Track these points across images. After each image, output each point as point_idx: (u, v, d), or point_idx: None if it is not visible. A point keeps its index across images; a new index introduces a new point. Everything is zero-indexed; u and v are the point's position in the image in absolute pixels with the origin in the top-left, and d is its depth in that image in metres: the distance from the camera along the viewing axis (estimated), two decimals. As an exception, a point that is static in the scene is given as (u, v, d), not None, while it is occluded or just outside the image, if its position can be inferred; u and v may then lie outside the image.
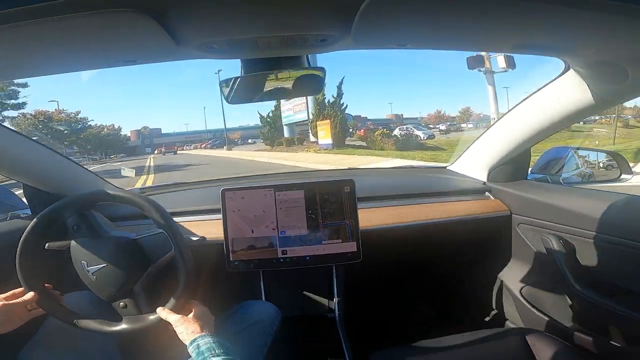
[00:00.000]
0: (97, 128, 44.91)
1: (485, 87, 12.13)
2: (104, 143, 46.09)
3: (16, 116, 29.92)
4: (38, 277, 0.82)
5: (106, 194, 0.88)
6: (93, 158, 42.69)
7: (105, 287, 0.82)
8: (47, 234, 0.84)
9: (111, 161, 35.84)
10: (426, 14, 0.53)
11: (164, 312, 0.79)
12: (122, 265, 0.82)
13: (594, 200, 1.07)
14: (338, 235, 1.15)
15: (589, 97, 0.91)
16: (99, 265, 0.81)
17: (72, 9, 0.44)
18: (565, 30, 0.60)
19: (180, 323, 0.77)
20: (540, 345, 0.89)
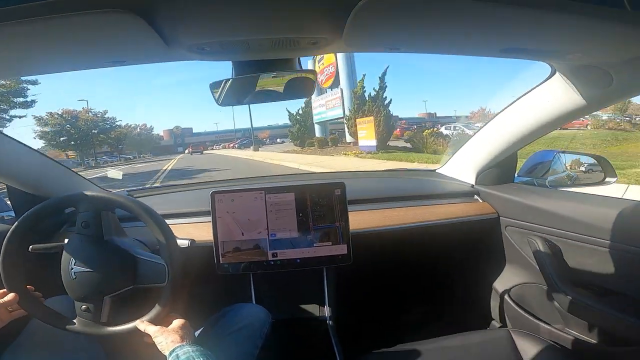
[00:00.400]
0: (127, 127, 43.78)
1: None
2: (135, 142, 46.00)
3: (44, 115, 31.17)
4: (20, 279, 0.80)
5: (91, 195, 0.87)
6: (126, 157, 41.96)
7: (79, 288, 0.80)
8: (31, 236, 0.83)
9: (140, 161, 35.52)
10: (416, 18, 0.54)
11: (143, 324, 0.79)
12: (108, 276, 0.80)
13: (579, 203, 1.09)
14: (329, 238, 1.15)
15: (574, 101, 0.93)
16: (86, 269, 0.79)
17: (62, 8, 0.43)
18: (551, 34, 0.61)
19: (160, 334, 0.76)
20: (527, 346, 0.91)
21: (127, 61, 0.67)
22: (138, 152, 46.44)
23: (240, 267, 1.15)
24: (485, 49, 0.72)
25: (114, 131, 38.71)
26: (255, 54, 0.69)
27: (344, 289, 1.35)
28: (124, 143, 42.58)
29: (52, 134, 31.59)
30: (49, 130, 31.34)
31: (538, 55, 0.76)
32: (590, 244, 1.01)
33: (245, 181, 1.67)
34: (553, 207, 1.12)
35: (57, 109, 32.95)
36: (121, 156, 41.58)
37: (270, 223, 1.15)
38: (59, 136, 31.85)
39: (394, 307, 1.68)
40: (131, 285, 0.82)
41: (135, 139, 45.58)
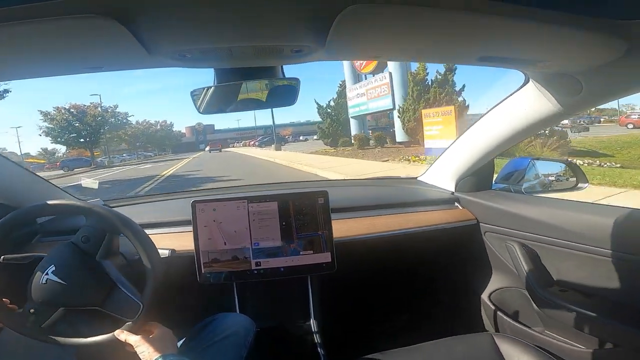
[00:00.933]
0: (146, 124, 42.22)
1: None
2: (155, 140, 44.12)
3: (51, 111, 29.52)
4: None
5: (64, 205, 0.84)
6: (145, 155, 39.95)
7: (42, 294, 0.76)
8: (2, 246, 0.79)
9: (157, 159, 34.14)
10: (397, 27, 0.55)
11: (123, 334, 0.77)
12: (78, 292, 0.77)
13: (554, 208, 1.13)
14: (312, 246, 1.15)
15: (547, 109, 0.96)
16: (59, 280, 0.76)
17: (39, 13, 0.42)
18: (523, 43, 0.64)
19: (142, 343, 0.75)
20: (509, 349, 0.92)
21: (104, 67, 0.66)
22: (159, 149, 44.91)
23: (222, 277, 1.12)
24: (463, 58, 0.75)
25: (130, 128, 37.23)
26: (238, 62, 0.69)
27: (329, 297, 1.35)
28: (142, 140, 40.88)
29: (58, 131, 29.58)
30: (55, 127, 29.28)
31: (512, 64, 0.79)
32: (566, 247, 1.04)
33: (227, 190, 1.65)
34: (529, 212, 1.15)
35: (65, 104, 31.74)
36: (140, 154, 39.57)
37: (253, 232, 1.13)
38: (66, 133, 29.91)
39: (379, 314, 1.68)
40: (97, 307, 0.79)
41: (154, 136, 43.67)
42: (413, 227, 1.29)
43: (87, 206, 0.82)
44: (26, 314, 0.78)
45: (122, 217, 0.82)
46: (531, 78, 0.93)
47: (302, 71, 43.74)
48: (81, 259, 0.78)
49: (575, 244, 1.01)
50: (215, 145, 38.95)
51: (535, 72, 0.88)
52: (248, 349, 0.96)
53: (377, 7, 0.48)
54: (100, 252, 0.80)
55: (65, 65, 0.64)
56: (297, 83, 0.79)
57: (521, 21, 0.53)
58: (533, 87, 0.95)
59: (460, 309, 1.54)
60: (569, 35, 0.57)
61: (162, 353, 0.72)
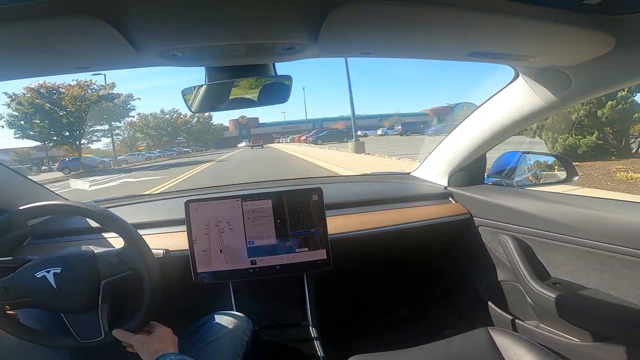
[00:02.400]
0: (175, 114, 34.69)
1: None
2: (192, 133, 38.20)
3: (20, 93, 18.36)
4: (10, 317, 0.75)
5: (57, 206, 0.83)
6: (178, 151, 34.59)
7: (24, 282, 0.75)
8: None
9: (189, 156, 29.20)
10: (389, 24, 0.55)
11: (123, 334, 0.77)
12: (55, 302, 0.76)
13: (545, 201, 1.14)
14: (307, 244, 1.15)
15: (537, 103, 0.98)
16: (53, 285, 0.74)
17: (26, 14, 0.41)
18: (512, 38, 0.65)
19: (142, 343, 0.75)
20: (505, 343, 0.93)
21: (92, 67, 0.65)
22: (195, 144, 40.32)
23: (218, 276, 1.12)
24: (453, 54, 0.75)
25: (154, 118, 31.58)
26: (229, 60, 0.69)
27: (325, 294, 1.35)
28: (170, 135, 34.82)
29: (23, 120, 19.10)
30: (20, 115, 18.81)
31: (502, 59, 0.80)
32: (559, 240, 1.05)
33: (220, 188, 1.64)
34: (520, 206, 1.16)
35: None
36: (168, 150, 33.87)
37: (247, 230, 1.13)
38: (36, 123, 19.23)
39: (375, 311, 1.69)
40: (61, 314, 0.78)
41: (190, 130, 38.10)
42: (407, 222, 1.30)
43: (81, 206, 0.81)
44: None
45: (131, 230, 0.81)
46: (521, 73, 0.94)
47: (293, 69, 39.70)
48: (89, 275, 0.77)
49: (568, 237, 1.02)
50: (257, 141, 34.24)
51: (524, 67, 0.89)
52: (245, 348, 0.96)
53: (369, 4, 0.48)
54: (108, 279, 0.78)
55: (52, 65, 0.63)
56: (290, 80, 0.78)
57: (511, 17, 0.53)
58: (523, 81, 0.96)
59: (456, 303, 1.56)
60: (557, 30, 0.58)
61: (163, 352, 0.72)
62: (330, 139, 24.15)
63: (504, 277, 1.28)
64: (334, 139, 23.77)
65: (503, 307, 1.29)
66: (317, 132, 29.06)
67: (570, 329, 1.05)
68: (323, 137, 25.29)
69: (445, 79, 57.64)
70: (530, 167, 1.35)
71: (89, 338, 0.77)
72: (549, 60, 0.78)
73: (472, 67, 14.45)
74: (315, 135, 27.05)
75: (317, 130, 30.62)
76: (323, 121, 35.80)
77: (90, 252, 0.79)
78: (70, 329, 0.77)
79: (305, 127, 43.86)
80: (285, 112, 67.54)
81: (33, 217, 0.82)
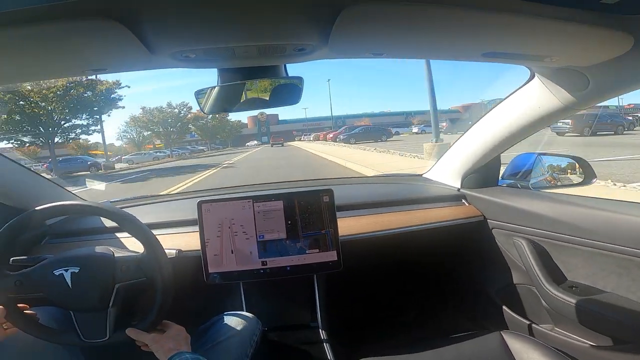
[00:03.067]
0: (185, 109, 30.82)
1: None
2: (206, 131, 35.64)
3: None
4: (7, 294, 0.76)
5: (76, 205, 0.85)
6: (191, 150, 32.47)
7: (40, 278, 0.77)
8: (11, 248, 0.80)
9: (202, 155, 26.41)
10: (400, 24, 0.55)
11: (137, 333, 0.78)
12: (68, 300, 0.78)
13: (561, 204, 1.12)
14: (318, 245, 1.15)
15: (553, 104, 0.96)
16: (69, 284, 0.76)
17: (43, 16, 0.42)
18: (528, 39, 0.63)
19: (155, 342, 0.76)
20: (518, 346, 0.91)
21: (108, 69, 0.66)
22: (211, 142, 37.82)
23: (229, 277, 1.13)
24: (466, 54, 0.74)
25: (160, 113, 28.55)
26: (241, 61, 0.69)
27: (335, 295, 1.34)
28: (181, 132, 31.57)
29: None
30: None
31: (517, 59, 0.78)
32: (576, 244, 1.03)
33: (232, 189, 1.66)
34: (536, 208, 1.14)
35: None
36: (180, 150, 31.66)
37: (259, 231, 1.14)
38: None
39: (385, 313, 1.67)
40: (70, 311, 0.80)
41: (205, 127, 35.38)
42: (419, 224, 1.29)
43: (97, 206, 0.83)
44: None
45: (151, 237, 0.81)
46: (537, 73, 0.92)
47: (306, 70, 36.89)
48: (105, 278, 0.78)
49: (585, 240, 1.00)
50: (277, 139, 31.51)
51: (541, 68, 0.87)
52: (254, 348, 0.96)
53: (379, 4, 0.48)
54: (123, 283, 0.80)
55: (69, 67, 0.64)
56: (301, 82, 0.79)
57: (526, 16, 0.52)
58: (539, 82, 0.94)
59: (468, 306, 1.53)
60: (574, 30, 0.57)
61: (177, 350, 0.73)
62: (365, 137, 20.03)
63: (518, 280, 1.25)
64: (369, 137, 19.89)
65: (516, 311, 1.26)
66: (348, 128, 23.83)
67: (586, 333, 1.02)
68: (357, 135, 20.60)
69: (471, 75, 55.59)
70: (547, 169, 1.32)
71: (93, 338, 0.79)
72: (566, 61, 0.76)
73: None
74: (346, 132, 22.20)
75: (347, 127, 24.97)
76: (346, 118, 33.81)
77: (110, 256, 0.81)
78: (76, 327, 0.79)
79: (328, 124, 40.80)
80: (307, 108, 60.85)
81: (51, 216, 0.84)
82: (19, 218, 0.79)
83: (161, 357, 0.73)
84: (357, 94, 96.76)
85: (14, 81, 0.69)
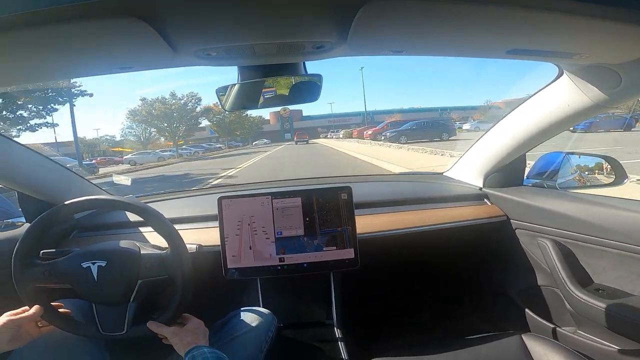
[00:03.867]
0: (193, 100, 26.48)
1: None
2: (223, 127, 32.06)
3: None
4: (35, 283, 0.80)
5: (104, 200, 0.88)
6: (206, 147, 29.09)
7: (67, 269, 0.80)
8: (42, 241, 0.83)
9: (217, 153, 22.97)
10: (421, 20, 0.54)
11: (157, 326, 0.80)
12: (90, 293, 0.80)
13: (590, 204, 1.08)
14: (335, 242, 1.15)
15: (583, 102, 0.92)
16: (94, 277, 0.79)
17: (71, 16, 0.44)
18: (558, 36, 0.61)
19: (175, 335, 0.78)
20: (538, 349, 0.89)
21: (134, 67, 0.68)
22: (229, 139, 34.53)
23: (247, 272, 1.15)
24: (490, 51, 0.72)
25: (162, 104, 24.32)
26: (261, 59, 0.70)
27: (351, 293, 1.34)
28: (189, 126, 27.00)
29: None
30: None
31: (545, 57, 0.76)
32: (602, 245, 1.00)
33: (252, 185, 1.68)
34: (564, 209, 1.10)
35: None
36: (193, 148, 28.54)
37: (277, 228, 1.15)
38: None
39: (402, 312, 1.66)
40: (92, 302, 0.82)
41: (222, 123, 31.55)
42: (439, 223, 1.27)
43: (125, 201, 0.85)
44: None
45: (175, 236, 0.83)
46: (565, 70, 0.89)
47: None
48: (129, 273, 0.81)
49: (614, 242, 0.96)
50: (301, 137, 28.65)
51: (570, 65, 0.84)
52: (269, 344, 0.98)
53: (399, 1, 0.47)
54: (145, 280, 0.82)
55: (98, 65, 0.67)
56: (320, 79, 0.79)
57: (554, 13, 0.50)
58: (568, 79, 0.91)
59: (487, 306, 1.50)
60: (605, 27, 0.54)
61: (195, 344, 0.75)
62: (419, 135, 15.72)
63: (541, 281, 1.22)
64: (425, 135, 15.66)
65: (538, 313, 1.23)
66: (393, 123, 18.99)
67: (611, 337, 0.99)
68: (409, 132, 16.16)
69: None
70: (575, 168, 1.27)
71: (111, 331, 0.81)
72: (596, 58, 0.73)
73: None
74: (392, 128, 17.48)
75: (391, 122, 20.21)
76: (375, 114, 30.67)
77: (137, 252, 0.83)
78: (96, 319, 0.82)
79: (355, 120, 37.37)
80: (332, 103, 56.92)
81: (79, 210, 0.87)
82: (49, 212, 0.82)
83: (180, 350, 0.75)
84: (386, 90, 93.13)
85: (47, 79, 0.73)
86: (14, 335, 0.74)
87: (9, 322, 0.74)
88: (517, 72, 44.38)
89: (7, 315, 0.75)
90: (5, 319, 0.74)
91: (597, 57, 0.73)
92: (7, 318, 0.74)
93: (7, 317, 0.75)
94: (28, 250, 0.80)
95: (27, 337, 0.76)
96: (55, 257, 0.82)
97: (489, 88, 73.68)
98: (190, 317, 0.84)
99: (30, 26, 0.44)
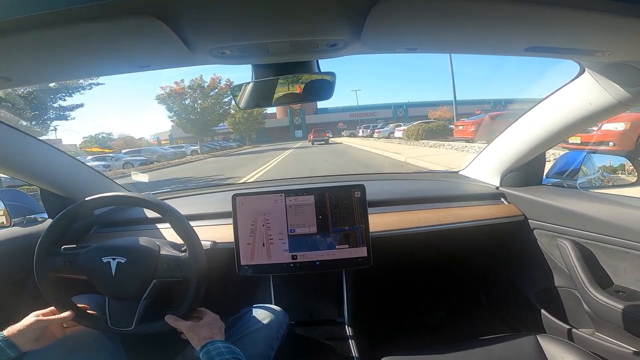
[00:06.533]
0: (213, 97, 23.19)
1: None
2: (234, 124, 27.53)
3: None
4: (54, 273, 0.82)
5: (123, 197, 0.90)
6: (224, 145, 25.83)
7: (88, 263, 0.81)
8: (63, 236, 0.86)
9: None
10: (436, 17, 0.53)
11: (174, 320, 0.81)
12: (106, 286, 0.82)
13: (612, 205, 1.04)
14: (348, 240, 1.15)
15: (605, 100, 0.89)
16: (113, 272, 0.81)
17: (89, 16, 0.45)
18: (579, 33, 0.59)
19: (191, 330, 0.79)
20: (554, 350, 0.87)
21: (152, 66, 0.69)
22: (241, 137, 28.75)
23: (260, 269, 1.16)
24: (508, 49, 0.71)
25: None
26: (275, 57, 0.70)
27: (363, 291, 1.34)
28: (200, 123, 23.25)
29: None
30: None
31: (565, 54, 0.74)
32: (623, 247, 0.97)
33: (265, 183, 1.69)
34: (584, 209, 1.07)
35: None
36: (199, 145, 24.62)
37: (290, 225, 1.15)
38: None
39: (414, 311, 1.65)
40: (105, 296, 0.84)
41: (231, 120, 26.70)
42: (454, 222, 1.25)
43: (144, 198, 0.87)
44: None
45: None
46: (587, 68, 0.86)
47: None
48: (146, 271, 0.83)
49: (635, 243, 0.93)
50: (320, 135, 23.24)
51: (592, 62, 0.81)
52: (280, 341, 0.98)
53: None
54: (160, 279, 0.84)
55: (116, 64, 0.68)
56: (333, 77, 0.79)
57: (575, 10, 0.48)
58: (589, 77, 0.88)
59: (502, 306, 1.48)
60: (629, 24, 0.52)
61: (211, 339, 0.76)
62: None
63: (558, 282, 1.19)
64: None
65: (555, 314, 1.20)
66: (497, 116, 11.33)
67: (630, 339, 0.96)
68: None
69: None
70: (597, 168, 1.23)
71: (119, 326, 0.83)
72: (619, 56, 0.71)
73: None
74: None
75: (497, 115, 11.81)
76: (408, 106, 23.92)
77: (156, 251, 0.85)
78: (107, 312, 0.83)
79: (385, 113, 30.61)
80: (359, 90, 45.65)
81: (99, 207, 0.89)
82: (71, 208, 0.85)
83: (195, 344, 0.76)
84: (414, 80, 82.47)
85: (68, 78, 0.75)
86: (40, 335, 0.75)
87: (36, 322, 0.75)
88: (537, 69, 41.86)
89: (34, 315, 0.77)
90: (33, 319, 0.75)
91: (620, 55, 0.70)
92: (34, 318, 0.76)
93: (34, 318, 0.76)
94: (52, 242, 0.83)
95: (52, 337, 0.78)
96: (73, 252, 0.84)
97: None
98: (206, 312, 0.85)
99: (49, 26, 0.45)
